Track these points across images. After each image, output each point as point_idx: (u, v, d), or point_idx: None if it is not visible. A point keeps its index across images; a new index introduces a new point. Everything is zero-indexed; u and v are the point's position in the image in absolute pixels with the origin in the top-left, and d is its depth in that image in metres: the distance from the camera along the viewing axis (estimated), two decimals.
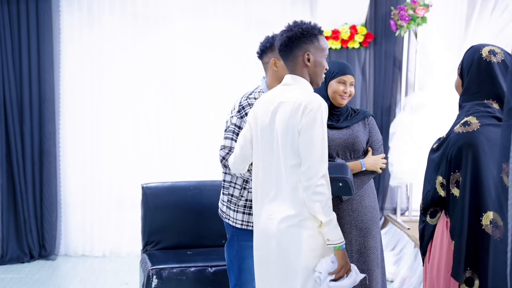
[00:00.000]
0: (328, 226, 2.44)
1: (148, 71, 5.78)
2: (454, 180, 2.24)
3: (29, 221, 5.53)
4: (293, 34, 2.56)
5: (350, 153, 3.13)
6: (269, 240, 2.57)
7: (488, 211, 2.14)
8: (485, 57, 2.35)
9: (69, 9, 5.67)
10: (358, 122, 3.19)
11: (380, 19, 5.86)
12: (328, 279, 2.47)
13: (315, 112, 2.43)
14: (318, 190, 2.41)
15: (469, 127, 2.24)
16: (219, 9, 5.83)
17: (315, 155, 2.43)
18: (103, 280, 5.07)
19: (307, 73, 2.60)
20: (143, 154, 5.81)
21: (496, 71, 2.33)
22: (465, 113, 2.32)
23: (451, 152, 2.25)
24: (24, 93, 5.48)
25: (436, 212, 2.39)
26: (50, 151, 5.58)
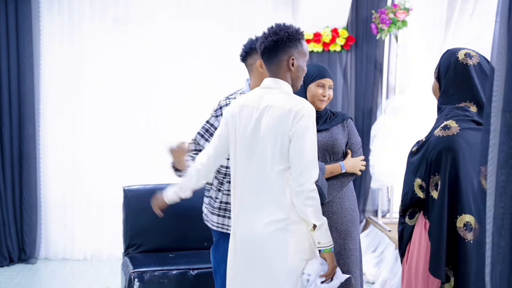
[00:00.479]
0: (320, 230, 2.46)
1: (130, 74, 5.75)
2: (434, 183, 2.27)
3: (9, 224, 5.47)
4: (279, 38, 2.55)
5: (330, 156, 3.15)
6: (254, 244, 2.56)
7: (464, 214, 2.18)
8: (462, 60, 2.39)
9: (49, 12, 5.63)
10: (337, 125, 3.20)
11: (361, 23, 5.90)
12: (318, 281, 2.50)
13: (307, 118, 2.45)
14: (310, 195, 2.44)
15: (449, 131, 2.27)
16: (201, 12, 5.82)
17: (308, 161, 2.44)
18: (84, 283, 5.04)
19: (289, 77, 2.60)
20: (125, 157, 5.78)
21: (472, 74, 2.37)
22: (445, 117, 2.36)
23: (431, 155, 2.28)
24: (3, 95, 5.42)
25: (414, 213, 2.42)
26: (30, 154, 5.54)
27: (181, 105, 5.82)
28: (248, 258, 2.60)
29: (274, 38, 2.56)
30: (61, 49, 5.67)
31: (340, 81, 5.91)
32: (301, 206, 2.45)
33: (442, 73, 2.45)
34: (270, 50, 2.57)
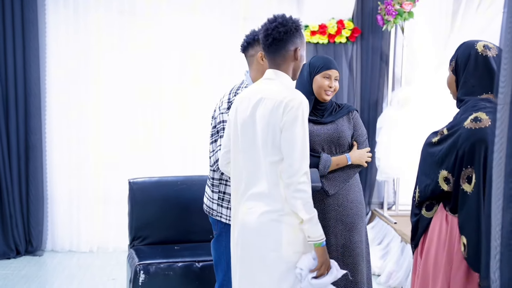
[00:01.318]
0: (309, 223, 2.44)
1: (135, 66, 5.75)
2: (466, 175, 2.24)
3: (15, 216, 5.49)
4: (288, 29, 2.54)
5: (335, 148, 3.14)
6: (249, 233, 2.58)
7: None
8: (481, 52, 2.38)
9: (55, 4, 5.63)
10: (343, 117, 3.19)
11: (367, 14, 5.87)
12: (310, 276, 2.48)
13: (296, 109, 2.43)
14: (299, 187, 2.41)
15: (480, 123, 2.25)
16: (206, 4, 5.81)
17: (296, 153, 2.42)
18: (90, 275, 5.06)
19: (292, 68, 2.60)
20: (130, 149, 5.79)
21: (493, 65, 2.36)
22: (472, 108, 2.33)
23: (463, 147, 2.25)
24: (10, 88, 5.43)
25: (432, 205, 2.40)
26: (36, 146, 5.55)
27: (187, 97, 5.82)
28: (244, 248, 2.62)
29: (283, 29, 2.54)
30: (67, 42, 5.67)
31: (346, 73, 5.88)
32: (290, 198, 2.44)
33: (460, 66, 2.42)
34: (279, 41, 2.55)
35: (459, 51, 2.46)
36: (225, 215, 3.12)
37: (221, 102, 3.15)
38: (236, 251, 2.68)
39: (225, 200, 3.13)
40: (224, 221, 3.13)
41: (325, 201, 3.10)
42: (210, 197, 3.21)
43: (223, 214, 3.13)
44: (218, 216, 3.15)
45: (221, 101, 3.15)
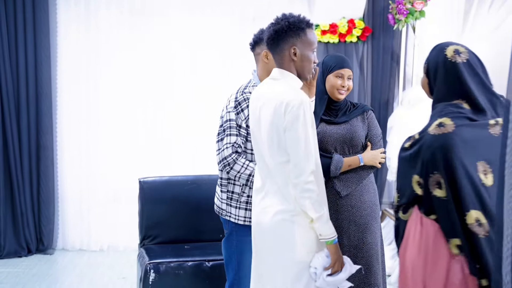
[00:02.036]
0: (319, 222, 2.45)
1: (145, 66, 5.77)
2: (435, 181, 2.24)
3: (27, 215, 5.52)
4: (280, 28, 2.54)
5: (348, 148, 3.11)
6: (264, 233, 2.60)
7: (471, 210, 2.16)
8: (450, 57, 2.36)
9: (66, 4, 5.65)
10: (357, 117, 3.16)
11: (378, 13, 5.85)
12: (325, 274, 2.48)
13: (297, 109, 2.43)
14: (307, 187, 2.42)
15: (444, 128, 2.25)
16: (216, 4, 5.81)
17: (300, 152, 2.43)
18: (101, 274, 5.08)
19: (294, 67, 2.58)
20: (141, 148, 5.80)
21: (462, 71, 2.34)
22: (439, 114, 2.33)
23: (427, 154, 2.26)
24: (21, 87, 5.46)
25: (407, 207, 2.39)
26: (47, 145, 5.58)
27: (196, 96, 5.82)
28: (258, 248, 2.65)
29: (275, 28, 2.56)
30: (78, 41, 5.69)
31: (357, 73, 5.86)
32: (299, 198, 2.45)
33: (431, 71, 2.42)
34: (272, 40, 2.57)
35: (430, 54, 2.46)
36: (234, 214, 3.12)
37: (229, 101, 3.16)
38: (254, 250, 2.71)
39: (233, 200, 3.12)
40: (233, 221, 3.12)
41: (338, 202, 3.08)
42: (219, 196, 3.21)
43: (232, 214, 3.13)
44: (227, 215, 3.15)
45: (229, 101, 3.16)
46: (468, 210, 2.16)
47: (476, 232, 2.14)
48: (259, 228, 2.63)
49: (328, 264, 2.50)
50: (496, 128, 2.27)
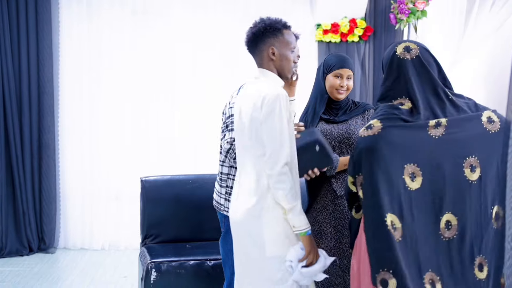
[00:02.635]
0: (291, 213, 2.49)
1: (147, 65, 5.77)
2: (359, 182, 2.28)
3: (28, 214, 5.53)
4: (257, 30, 2.65)
5: (346, 148, 3.10)
6: (236, 229, 2.68)
7: (388, 213, 2.16)
8: (399, 54, 2.37)
9: (68, 3, 5.66)
10: (357, 116, 3.15)
11: (379, 13, 5.85)
12: (300, 266, 2.51)
13: (273, 102, 2.49)
14: (280, 178, 2.47)
15: (370, 130, 2.27)
16: (218, 4, 5.82)
17: (275, 144, 2.48)
18: (102, 273, 5.08)
19: (274, 67, 2.66)
20: (142, 147, 5.81)
21: (408, 68, 2.34)
22: (374, 116, 2.36)
23: (355, 155, 2.31)
24: (23, 86, 5.47)
25: (360, 206, 2.39)
26: (49, 144, 5.58)
27: (198, 96, 5.83)
28: (235, 243, 2.72)
29: (253, 30, 2.67)
30: (80, 40, 5.70)
31: (358, 72, 5.87)
32: (273, 189, 2.50)
33: (384, 68, 2.46)
34: (251, 42, 2.68)
35: (385, 52, 2.49)
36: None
37: (231, 97, 3.19)
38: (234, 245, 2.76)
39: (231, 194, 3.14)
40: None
41: (336, 201, 3.08)
42: (218, 191, 3.23)
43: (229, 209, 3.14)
44: (225, 210, 3.17)
45: (231, 97, 3.20)
46: (386, 212, 2.17)
47: (393, 235, 2.14)
48: (232, 225, 2.71)
49: (303, 256, 2.53)
50: (438, 130, 2.24)
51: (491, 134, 2.29)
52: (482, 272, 2.23)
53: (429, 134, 2.24)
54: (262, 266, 2.56)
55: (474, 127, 2.28)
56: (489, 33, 5.24)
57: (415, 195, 2.18)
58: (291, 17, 5.85)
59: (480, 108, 2.37)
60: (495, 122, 2.32)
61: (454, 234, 2.21)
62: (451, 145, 2.23)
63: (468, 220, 2.21)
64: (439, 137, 2.23)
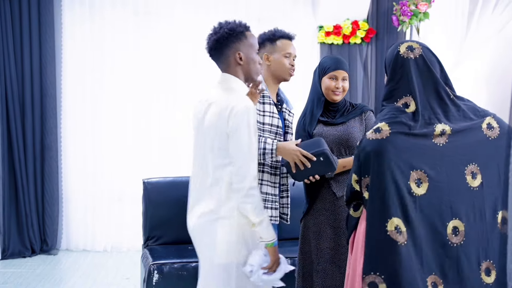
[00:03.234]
0: (260, 226, 2.48)
1: (149, 66, 5.78)
2: (365, 184, 2.30)
3: (31, 215, 5.54)
4: (220, 36, 2.58)
5: (345, 149, 3.11)
6: (193, 235, 2.66)
7: (393, 217, 2.19)
8: (402, 53, 2.39)
9: (71, 4, 5.68)
10: (355, 118, 3.16)
11: (382, 15, 5.85)
12: (261, 272, 2.53)
13: (242, 115, 2.44)
14: (250, 193, 2.43)
15: (379, 134, 2.28)
16: (220, 5, 5.82)
17: (243, 158, 2.44)
18: (104, 275, 5.08)
19: (241, 71, 2.62)
20: (144, 149, 5.81)
21: (411, 67, 2.36)
22: (381, 118, 2.37)
23: (362, 157, 2.31)
24: (26, 88, 5.48)
25: (359, 205, 2.43)
26: (51, 146, 5.59)
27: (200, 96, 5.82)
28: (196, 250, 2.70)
29: (215, 37, 2.59)
30: (82, 43, 5.71)
31: (361, 74, 5.86)
32: (240, 203, 2.45)
33: (387, 67, 2.45)
34: (214, 50, 2.62)
35: (387, 52, 2.49)
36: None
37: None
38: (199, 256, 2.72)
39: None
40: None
41: (335, 203, 3.08)
42: None
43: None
44: None
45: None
46: (390, 217, 2.19)
47: (394, 239, 2.17)
48: (191, 231, 2.68)
49: (266, 263, 2.54)
50: (442, 138, 2.28)
51: (490, 140, 2.33)
52: (489, 276, 2.27)
53: (434, 142, 2.27)
54: (213, 272, 2.53)
55: (475, 135, 2.32)
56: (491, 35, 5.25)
57: (420, 201, 2.21)
58: (293, 19, 5.87)
59: (480, 112, 2.40)
60: (494, 128, 2.35)
61: (461, 239, 2.25)
62: (454, 152, 2.27)
63: (473, 226, 2.26)
64: (443, 145, 2.27)
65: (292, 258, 3.96)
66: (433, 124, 2.29)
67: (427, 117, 2.30)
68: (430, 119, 2.30)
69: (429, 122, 2.30)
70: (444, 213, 2.24)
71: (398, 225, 2.18)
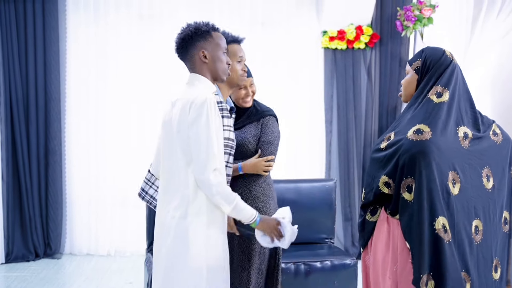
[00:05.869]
0: (235, 211, 2.49)
1: (153, 70, 5.78)
2: (406, 185, 2.36)
3: (35, 219, 5.55)
4: (186, 35, 2.61)
5: (237, 155, 3.04)
6: (159, 236, 2.59)
7: (440, 216, 2.29)
8: (448, 55, 2.54)
9: (75, 8, 5.69)
10: (251, 123, 3.12)
11: (386, 20, 5.85)
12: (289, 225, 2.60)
13: (200, 107, 2.44)
14: (212, 182, 2.42)
15: (422, 135, 2.35)
16: (225, 8, 5.83)
17: (202, 150, 2.43)
18: (108, 279, 5.08)
19: (207, 70, 2.63)
20: (148, 153, 5.79)
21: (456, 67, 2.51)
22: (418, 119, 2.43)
23: (404, 158, 2.37)
24: (30, 92, 5.50)
25: (376, 210, 2.53)
26: (55, 150, 5.60)
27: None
28: (156, 251, 2.62)
29: (181, 35, 2.62)
30: (86, 46, 5.73)
31: (364, 79, 5.86)
32: (209, 196, 2.46)
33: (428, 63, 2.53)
34: (181, 48, 2.64)
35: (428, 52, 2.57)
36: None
37: None
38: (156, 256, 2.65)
39: None
40: None
41: None
42: None
43: None
44: None
45: None
46: (437, 216, 2.29)
47: (442, 237, 2.26)
48: (156, 234, 2.63)
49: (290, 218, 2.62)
50: (465, 142, 2.40)
51: (497, 145, 2.49)
52: (497, 273, 2.41)
53: (461, 144, 2.39)
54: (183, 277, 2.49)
55: (487, 141, 2.47)
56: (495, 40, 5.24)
57: (455, 201, 2.33)
58: (297, 24, 5.88)
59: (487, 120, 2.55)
60: (498, 134, 2.52)
61: (480, 238, 2.38)
62: (474, 156, 2.42)
63: (488, 225, 2.40)
64: (467, 148, 2.40)
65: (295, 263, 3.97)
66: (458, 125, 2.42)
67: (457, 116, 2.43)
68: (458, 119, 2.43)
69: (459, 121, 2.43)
70: (470, 213, 2.37)
71: (444, 224, 2.29)
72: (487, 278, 2.38)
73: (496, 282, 2.42)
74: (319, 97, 5.92)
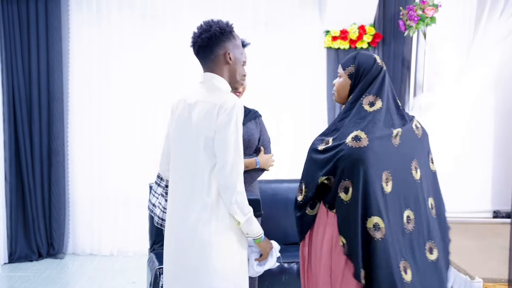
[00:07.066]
0: (247, 223, 2.47)
1: (156, 70, 5.79)
2: (343, 186, 2.51)
3: (38, 219, 5.56)
4: (212, 34, 2.56)
5: (244, 150, 3.13)
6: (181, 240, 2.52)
7: (372, 216, 2.45)
8: (380, 63, 2.67)
9: (78, 8, 5.70)
10: (251, 121, 3.28)
11: (388, 19, 5.84)
12: (254, 264, 2.65)
13: (230, 112, 2.41)
14: (237, 190, 2.40)
15: (359, 142, 2.50)
16: (228, 8, 5.83)
17: (229, 155, 2.40)
18: (111, 278, 5.09)
19: (228, 71, 2.59)
20: (151, 153, 5.81)
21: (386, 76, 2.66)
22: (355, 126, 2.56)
23: (344, 163, 2.51)
24: (33, 92, 5.50)
25: (315, 204, 2.67)
26: (58, 150, 5.61)
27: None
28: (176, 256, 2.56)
29: (207, 35, 2.56)
30: (89, 46, 5.73)
31: None
32: (227, 203, 2.41)
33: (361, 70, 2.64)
34: (205, 48, 2.57)
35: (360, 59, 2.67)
36: None
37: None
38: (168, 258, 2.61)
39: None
40: None
41: None
42: None
43: None
44: None
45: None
46: (370, 216, 2.45)
47: (372, 235, 2.44)
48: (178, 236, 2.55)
49: (254, 253, 2.63)
50: (396, 139, 2.56)
51: (419, 139, 2.67)
52: (432, 254, 2.59)
53: (392, 143, 2.55)
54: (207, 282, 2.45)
55: (412, 134, 2.64)
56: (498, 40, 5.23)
57: (388, 198, 2.49)
58: (299, 24, 5.88)
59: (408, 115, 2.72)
60: (419, 128, 2.69)
61: (413, 226, 2.56)
62: (403, 151, 2.57)
63: (419, 213, 2.57)
64: (397, 145, 2.55)
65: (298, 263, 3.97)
66: (391, 127, 2.57)
67: (389, 120, 2.59)
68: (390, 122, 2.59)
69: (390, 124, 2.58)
70: (402, 205, 2.54)
71: (377, 222, 2.44)
72: (423, 261, 2.55)
73: (434, 262, 2.59)
74: (321, 96, 5.92)
